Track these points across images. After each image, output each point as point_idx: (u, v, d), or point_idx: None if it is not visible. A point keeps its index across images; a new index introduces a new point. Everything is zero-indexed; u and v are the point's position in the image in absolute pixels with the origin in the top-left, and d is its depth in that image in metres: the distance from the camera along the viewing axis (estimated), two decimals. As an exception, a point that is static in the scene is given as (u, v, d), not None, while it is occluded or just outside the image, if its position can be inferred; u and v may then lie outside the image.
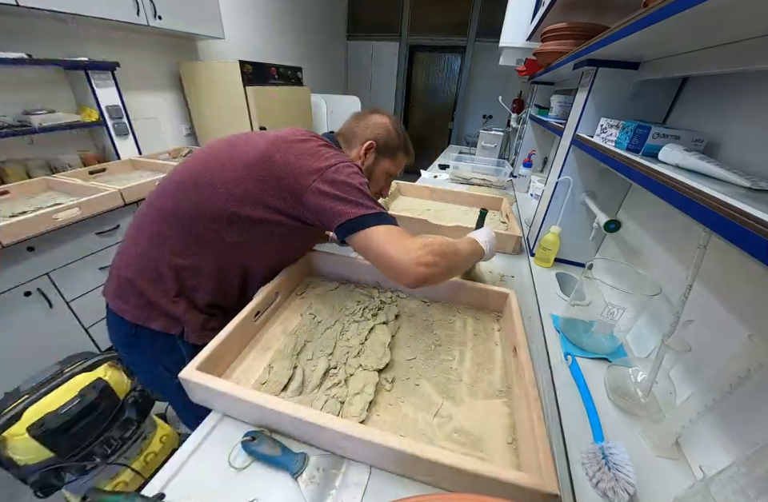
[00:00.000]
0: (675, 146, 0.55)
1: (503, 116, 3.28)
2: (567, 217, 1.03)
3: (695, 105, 0.74)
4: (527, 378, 0.54)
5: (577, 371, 0.68)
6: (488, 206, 1.51)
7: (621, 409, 0.61)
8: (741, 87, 0.60)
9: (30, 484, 0.90)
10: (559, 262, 1.10)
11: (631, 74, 0.82)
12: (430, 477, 0.46)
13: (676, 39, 0.57)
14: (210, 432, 0.51)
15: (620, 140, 0.68)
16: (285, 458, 0.46)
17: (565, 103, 1.51)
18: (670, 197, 0.45)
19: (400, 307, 0.80)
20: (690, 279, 0.52)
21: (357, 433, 0.44)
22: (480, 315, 0.80)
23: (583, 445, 0.53)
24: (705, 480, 0.40)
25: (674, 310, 0.54)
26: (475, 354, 0.68)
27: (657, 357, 0.55)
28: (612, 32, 0.60)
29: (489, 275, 1.00)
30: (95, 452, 0.97)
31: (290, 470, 0.46)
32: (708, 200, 0.37)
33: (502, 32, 1.94)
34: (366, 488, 0.45)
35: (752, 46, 0.47)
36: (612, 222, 0.87)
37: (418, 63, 4.70)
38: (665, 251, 0.76)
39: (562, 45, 1.08)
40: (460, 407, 0.57)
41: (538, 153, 2.05)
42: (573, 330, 0.77)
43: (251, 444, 0.47)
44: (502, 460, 0.49)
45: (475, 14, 4.17)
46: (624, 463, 0.48)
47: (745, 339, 0.42)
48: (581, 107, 0.90)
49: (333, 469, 0.47)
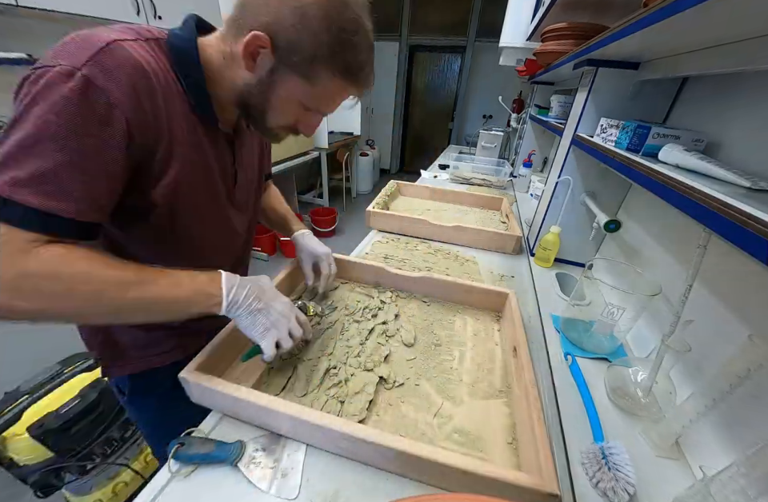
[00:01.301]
0: (675, 146, 0.55)
1: (503, 116, 3.28)
2: (567, 217, 1.03)
3: (695, 105, 0.74)
4: (527, 378, 0.54)
5: (577, 371, 0.68)
6: (488, 206, 1.51)
7: (621, 409, 0.61)
8: (741, 87, 0.60)
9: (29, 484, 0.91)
10: (559, 262, 1.10)
11: (631, 74, 0.82)
12: (430, 477, 0.46)
13: (676, 39, 0.57)
14: (209, 432, 0.51)
15: (620, 140, 0.68)
16: (220, 451, 0.46)
17: (565, 103, 1.51)
18: (669, 197, 0.45)
19: (400, 307, 0.80)
20: (690, 279, 0.52)
21: (357, 433, 0.44)
22: (480, 315, 0.80)
23: (583, 445, 0.53)
24: (705, 480, 0.40)
25: (674, 310, 0.54)
26: (475, 354, 0.68)
27: (657, 357, 0.55)
28: (612, 32, 0.60)
29: (489, 275, 1.00)
30: (95, 452, 0.97)
31: (227, 460, 0.46)
32: (708, 200, 0.37)
33: (501, 32, 1.94)
34: (305, 455, 0.48)
35: (752, 46, 0.47)
36: (612, 222, 0.87)
37: (418, 63, 4.70)
38: (665, 251, 0.76)
39: (562, 45, 1.08)
40: (460, 407, 0.57)
41: (538, 153, 2.05)
42: (573, 330, 0.77)
43: (180, 452, 0.46)
44: (501, 460, 0.49)
45: (475, 14, 4.17)
46: (624, 463, 0.48)
47: (745, 339, 0.42)
48: (581, 107, 0.90)
49: (272, 445, 0.49)
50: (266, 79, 0.46)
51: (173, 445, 0.46)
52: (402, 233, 1.21)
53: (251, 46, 0.43)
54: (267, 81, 0.46)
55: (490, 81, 4.36)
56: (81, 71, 0.35)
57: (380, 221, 1.22)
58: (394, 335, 0.71)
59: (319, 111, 0.52)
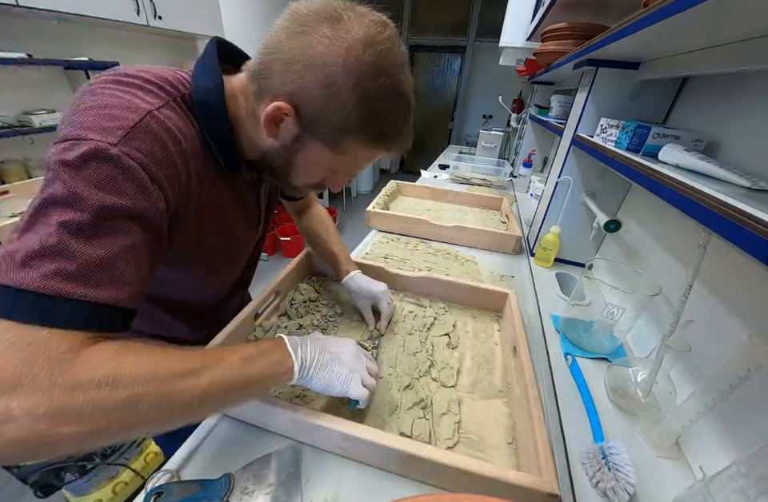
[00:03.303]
0: (675, 146, 0.55)
1: (503, 116, 3.28)
2: (567, 217, 1.03)
3: (695, 105, 0.74)
4: (527, 378, 0.54)
5: (577, 371, 0.68)
6: (488, 206, 1.51)
7: (621, 409, 0.61)
8: (741, 87, 0.60)
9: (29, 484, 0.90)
10: (559, 262, 1.10)
11: (631, 74, 0.82)
12: (430, 477, 0.46)
13: (676, 39, 0.57)
14: (210, 431, 0.51)
15: (620, 140, 0.68)
16: (207, 491, 0.42)
17: (565, 103, 1.51)
18: (669, 197, 0.45)
19: (400, 307, 0.80)
20: (690, 279, 0.52)
21: (357, 433, 0.44)
22: (480, 315, 0.80)
23: (583, 445, 0.53)
24: (705, 480, 0.40)
25: (674, 310, 0.54)
26: (475, 354, 0.68)
27: (657, 357, 0.55)
28: (612, 32, 0.60)
29: (489, 275, 1.00)
30: (95, 452, 0.97)
31: (216, 498, 0.41)
32: (708, 200, 0.37)
33: (502, 32, 1.94)
34: (301, 470, 0.46)
35: (752, 46, 0.47)
36: (612, 222, 0.87)
37: (418, 63, 4.70)
38: (665, 251, 0.76)
39: (562, 45, 1.08)
40: (460, 407, 0.57)
41: (538, 153, 2.05)
42: (573, 330, 0.77)
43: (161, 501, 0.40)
44: (501, 460, 0.49)
45: (475, 14, 4.17)
46: (624, 463, 0.48)
47: (745, 339, 0.42)
48: (581, 107, 0.90)
49: (263, 470, 0.45)
50: (290, 145, 0.43)
51: (148, 498, 0.39)
52: (402, 233, 1.22)
53: (272, 115, 0.39)
54: (291, 147, 0.43)
55: (490, 81, 4.36)
56: (119, 148, 0.32)
57: (380, 221, 1.22)
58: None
59: (348, 175, 0.50)
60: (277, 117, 0.39)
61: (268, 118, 0.39)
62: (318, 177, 0.49)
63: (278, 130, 0.41)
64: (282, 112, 0.39)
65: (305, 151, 0.43)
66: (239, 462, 0.46)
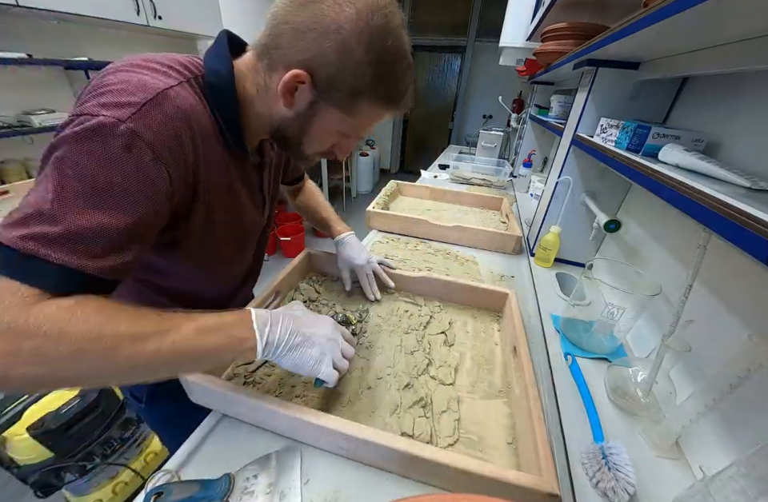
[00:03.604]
0: (675, 146, 0.55)
1: (503, 116, 3.28)
2: (567, 217, 1.03)
3: (695, 105, 0.74)
4: (527, 378, 0.54)
5: (577, 371, 0.68)
6: (488, 206, 1.51)
7: (621, 409, 0.61)
8: (741, 87, 0.60)
9: (29, 484, 0.91)
10: (559, 262, 1.10)
11: (631, 74, 0.82)
12: (430, 477, 0.46)
13: (676, 39, 0.57)
14: (210, 431, 0.51)
15: (620, 140, 0.68)
16: (206, 490, 0.42)
17: (565, 103, 1.51)
18: (669, 197, 0.45)
19: (395, 306, 0.80)
20: (690, 279, 0.52)
21: (357, 433, 0.44)
22: (480, 315, 0.80)
23: (583, 445, 0.53)
24: (705, 480, 0.40)
25: (674, 310, 0.54)
26: (475, 354, 0.68)
27: (657, 357, 0.55)
28: (612, 32, 0.60)
29: (489, 275, 1.00)
30: (95, 452, 0.97)
31: (216, 498, 0.41)
32: (708, 200, 0.37)
33: (502, 32, 1.94)
34: (301, 470, 0.46)
35: (752, 46, 0.47)
36: (612, 222, 0.87)
37: (418, 63, 4.69)
38: (665, 251, 0.76)
39: (562, 45, 1.08)
40: (460, 407, 0.57)
41: (538, 153, 2.05)
42: (573, 330, 0.77)
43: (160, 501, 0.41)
44: (501, 460, 0.49)
45: (475, 14, 4.17)
46: (624, 463, 0.48)
47: (745, 339, 0.42)
48: (581, 107, 0.90)
49: (264, 470, 0.45)
50: (305, 112, 0.45)
51: (148, 497, 0.39)
52: (402, 233, 1.22)
53: (289, 84, 0.41)
54: (305, 114, 0.45)
55: (490, 81, 4.36)
56: (126, 124, 0.33)
57: (380, 221, 1.22)
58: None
59: (357, 137, 0.52)
60: (292, 85, 0.41)
61: (286, 86, 0.41)
62: (328, 144, 0.51)
63: (292, 99, 0.43)
64: (298, 80, 0.41)
65: (319, 117, 0.45)
66: (239, 462, 0.46)
